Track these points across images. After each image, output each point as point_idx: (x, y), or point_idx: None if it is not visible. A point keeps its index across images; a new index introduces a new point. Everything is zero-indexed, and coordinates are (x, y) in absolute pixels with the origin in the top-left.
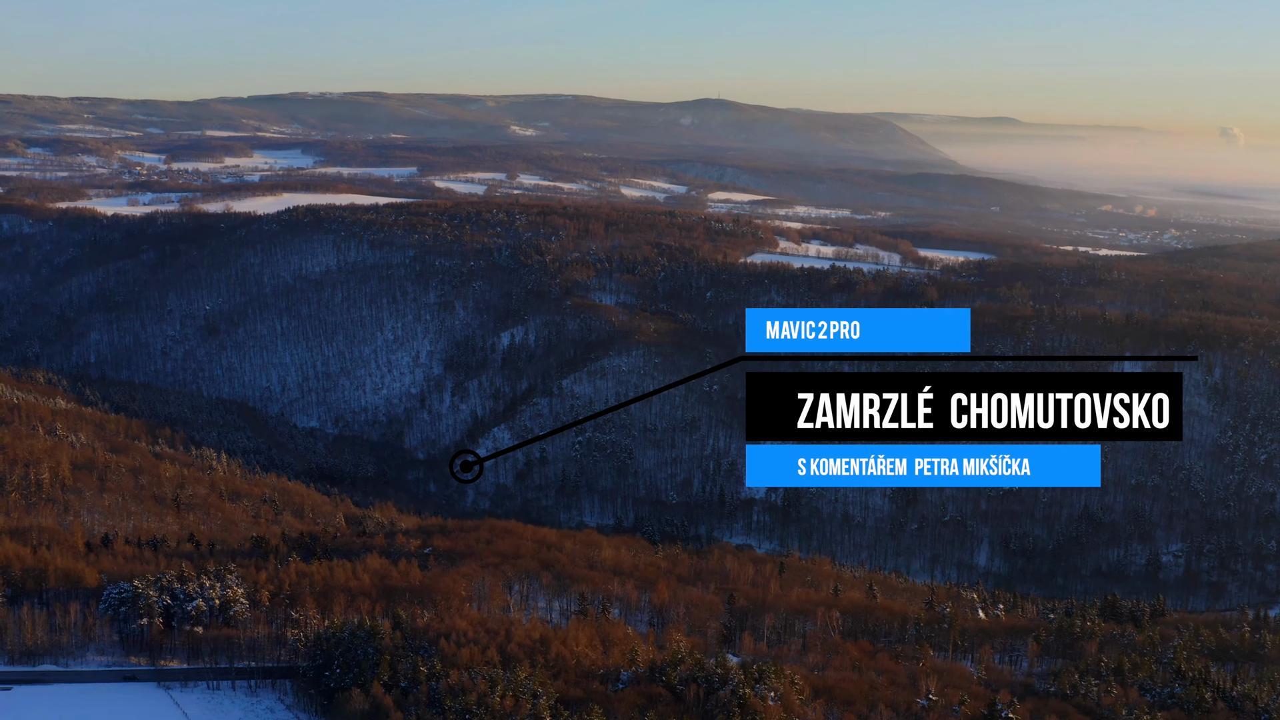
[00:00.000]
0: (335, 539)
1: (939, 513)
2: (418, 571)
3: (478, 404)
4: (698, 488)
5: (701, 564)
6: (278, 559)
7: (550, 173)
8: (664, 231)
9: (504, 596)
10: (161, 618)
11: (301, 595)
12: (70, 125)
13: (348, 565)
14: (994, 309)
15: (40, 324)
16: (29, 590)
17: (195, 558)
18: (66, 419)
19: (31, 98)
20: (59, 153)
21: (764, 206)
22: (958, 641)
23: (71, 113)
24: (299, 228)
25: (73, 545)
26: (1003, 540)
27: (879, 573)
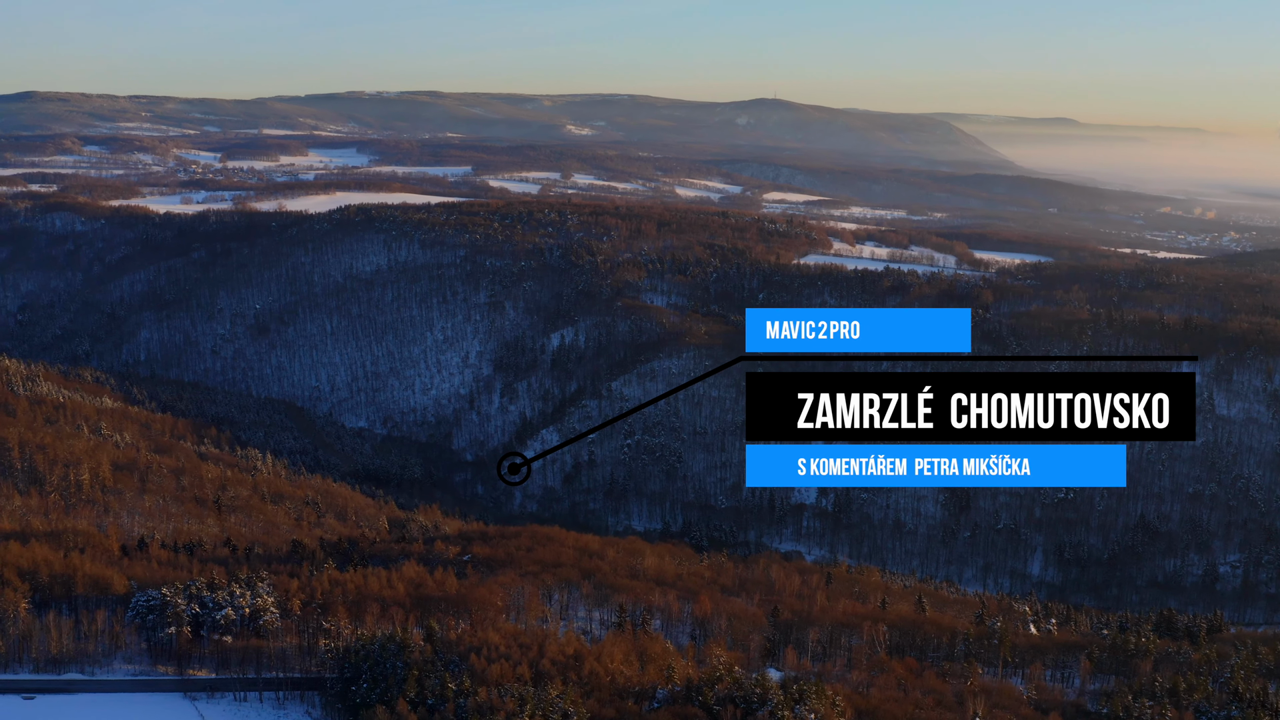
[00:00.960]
0: (373, 545)
1: (992, 520)
2: (454, 580)
3: (526, 405)
4: (747, 493)
5: (746, 574)
6: (313, 565)
7: (605, 172)
8: (716, 232)
9: (542, 607)
10: (190, 626)
11: (334, 604)
12: (128, 123)
13: (383, 573)
14: (1050, 313)
15: (91, 322)
16: (56, 596)
17: (230, 563)
18: (112, 418)
19: (90, 96)
20: (115, 150)
21: (819, 207)
22: (1008, 658)
23: (129, 111)
24: (350, 227)
25: (107, 549)
26: (1057, 549)
27: (929, 582)
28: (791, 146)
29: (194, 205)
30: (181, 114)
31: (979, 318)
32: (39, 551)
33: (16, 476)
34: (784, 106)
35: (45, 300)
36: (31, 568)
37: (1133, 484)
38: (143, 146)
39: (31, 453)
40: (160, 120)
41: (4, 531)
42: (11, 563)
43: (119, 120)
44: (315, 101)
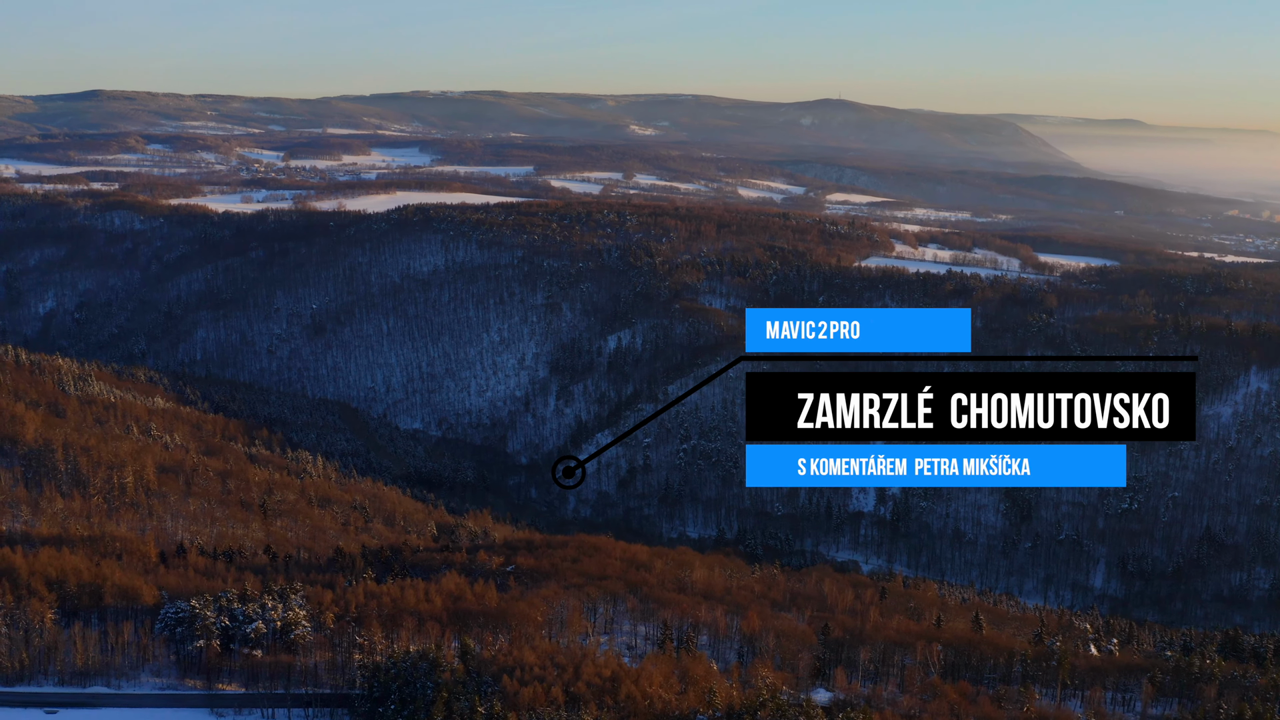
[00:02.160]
0: (416, 553)
1: (1054, 531)
2: (494, 594)
3: (582, 408)
4: (804, 499)
5: (798, 587)
6: (352, 575)
7: (667, 173)
8: (777, 233)
9: (584, 623)
10: (219, 640)
11: (368, 618)
12: (193, 122)
13: (421, 585)
14: (1115, 318)
15: (147, 321)
16: (84, 606)
17: (268, 571)
18: (163, 419)
19: (156, 95)
20: (178, 149)
21: (882, 208)
22: (1067, 681)
23: (195, 110)
24: (408, 227)
25: (144, 555)
26: (1120, 561)
27: (988, 595)
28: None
29: (254, 204)
30: (246, 113)
31: (1043, 323)
32: (69, 560)
33: (60, 479)
34: (848, 107)
35: (103, 299)
36: (60, 577)
37: (1198, 495)
38: (206, 145)
39: (76, 455)
40: (225, 119)
41: (42, 536)
42: (40, 572)
43: (184, 119)
44: (380, 101)
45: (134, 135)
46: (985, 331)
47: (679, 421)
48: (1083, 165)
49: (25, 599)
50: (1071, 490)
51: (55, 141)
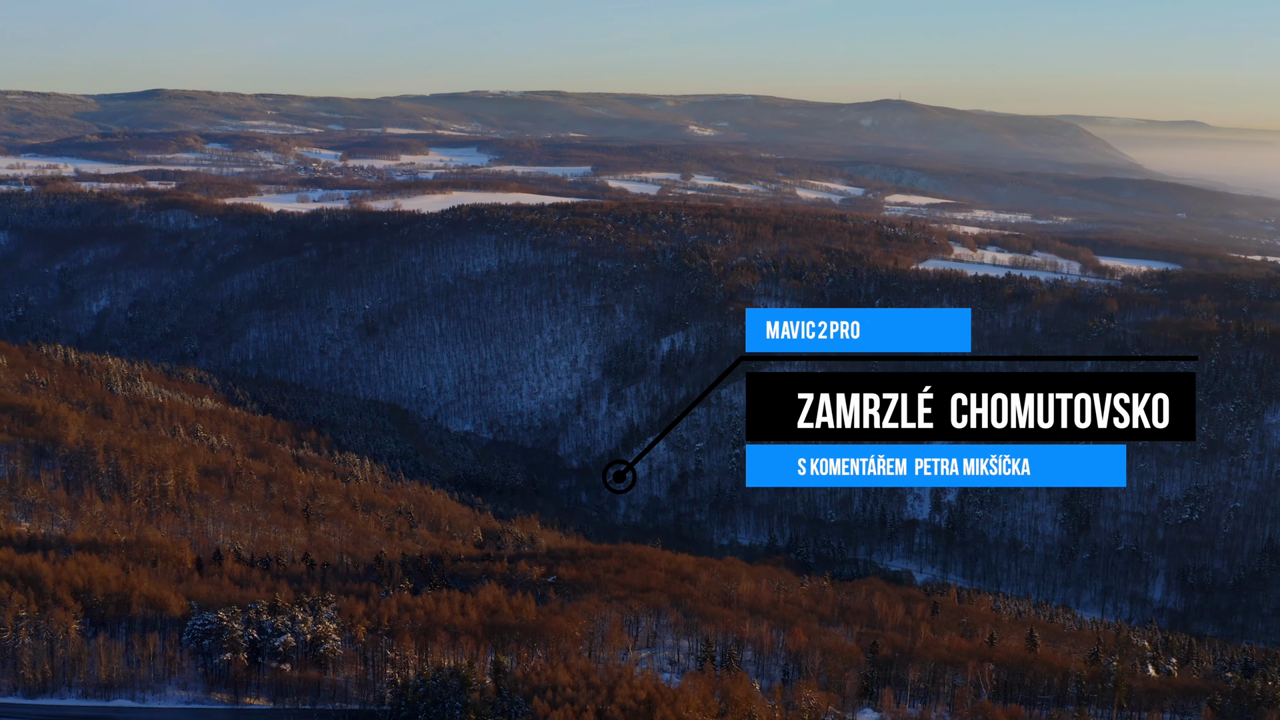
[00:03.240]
0: (457, 561)
1: (1112, 541)
2: (533, 607)
3: (634, 412)
4: (857, 506)
5: (847, 600)
6: (389, 584)
7: (725, 173)
8: (834, 235)
9: (624, 638)
10: (246, 653)
11: (401, 631)
12: (253, 121)
13: (457, 597)
14: (1177, 323)
15: (200, 320)
16: (111, 617)
17: (304, 580)
18: (210, 420)
19: (216, 94)
20: (237, 148)
21: (942, 210)
22: (1123, 704)
23: (255, 109)
24: (462, 227)
25: (179, 562)
26: (1179, 573)
27: (1044, 607)
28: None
29: (310, 204)
30: (306, 112)
31: (1103, 328)
32: (97, 568)
33: (101, 481)
34: (908, 108)
35: (156, 298)
36: (87, 586)
37: (1260, 505)
38: (264, 144)
39: (117, 457)
40: (285, 119)
41: (77, 541)
42: (66, 580)
43: (244, 118)
44: (439, 101)
45: (193, 134)
46: (1044, 336)
47: (731, 426)
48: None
49: (50, 608)
50: (1131, 500)
51: (114, 140)
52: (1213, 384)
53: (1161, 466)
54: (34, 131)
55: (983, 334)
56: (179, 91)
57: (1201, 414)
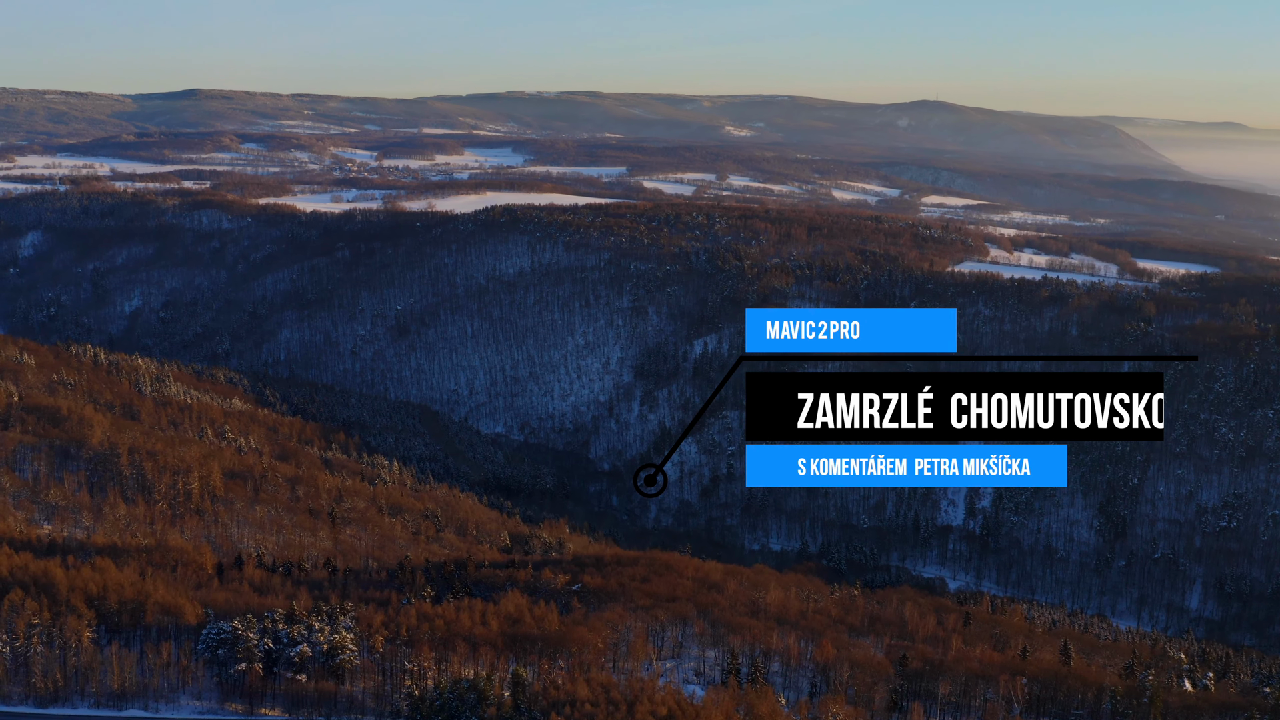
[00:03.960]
0: (481, 568)
1: (1149, 549)
2: (555, 616)
3: (666, 414)
4: (890, 512)
5: (878, 610)
6: (411, 592)
7: (761, 174)
8: (869, 237)
9: (648, 649)
10: (261, 663)
11: (419, 642)
12: (290, 121)
13: (478, 607)
14: (1216, 327)
15: (232, 320)
16: (125, 625)
17: (325, 586)
18: (238, 421)
19: (253, 94)
20: (272, 148)
21: (978, 211)
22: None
23: (292, 109)
24: (495, 227)
25: (199, 567)
26: (1217, 582)
27: (1079, 616)
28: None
29: (343, 204)
30: (343, 113)
31: (1140, 331)
32: (112, 575)
33: (125, 484)
34: (945, 108)
35: (188, 298)
36: (101, 593)
37: None
38: (300, 144)
39: (141, 459)
40: (322, 119)
41: (97, 545)
42: (80, 588)
43: (281, 118)
44: (476, 101)
45: (229, 134)
46: (1081, 340)
47: None
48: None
49: (63, 616)
50: (1168, 507)
51: (150, 140)
52: (1251, 389)
53: (1199, 473)
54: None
55: (1019, 337)
56: (216, 91)
57: (1240, 420)
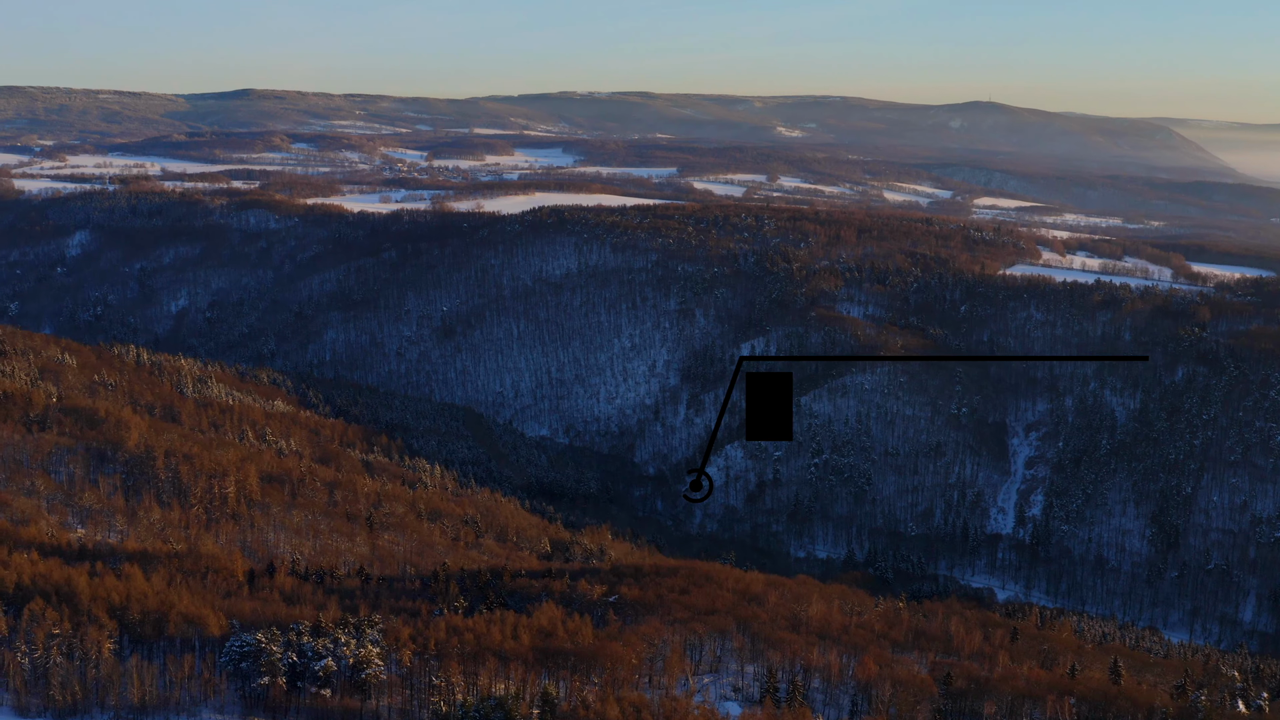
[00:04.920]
0: (517, 577)
1: (1202, 560)
2: (589, 630)
3: (712, 418)
4: (939, 519)
5: (923, 625)
6: (445, 602)
7: (811, 175)
8: (919, 239)
9: (684, 664)
10: (285, 677)
11: (448, 656)
12: (341, 121)
13: (510, 619)
14: (1272, 333)
15: (278, 321)
16: (147, 636)
17: (357, 595)
18: (279, 423)
19: (306, 94)
20: (323, 148)
21: (1031, 213)
22: None
23: (344, 109)
24: (542, 228)
25: (230, 574)
26: (1271, 594)
27: (1130, 629)
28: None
29: (391, 204)
30: (395, 113)
31: (1194, 337)
32: (136, 584)
33: (161, 487)
34: (998, 109)
35: (235, 298)
36: (123, 603)
37: None
38: (350, 144)
39: (177, 463)
40: (374, 119)
41: (128, 551)
42: (103, 597)
43: (333, 118)
44: (527, 101)
45: (279, 134)
46: (1134, 345)
47: (810, 434)
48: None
49: (84, 626)
50: (1222, 516)
51: (201, 140)
52: None
53: (1254, 482)
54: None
55: (1071, 341)
56: (269, 91)
57: None
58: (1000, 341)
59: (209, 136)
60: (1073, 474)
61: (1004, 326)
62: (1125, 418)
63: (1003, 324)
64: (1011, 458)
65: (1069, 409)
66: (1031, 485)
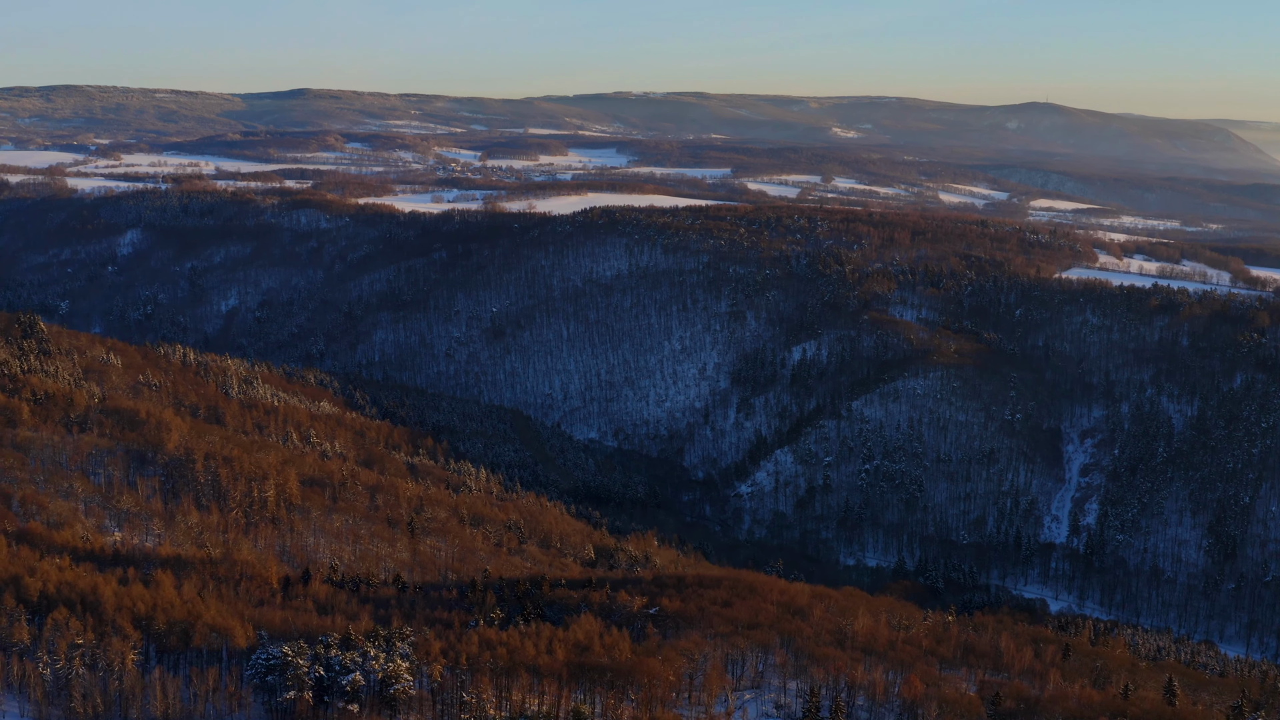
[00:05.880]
0: (557, 587)
1: (1259, 571)
2: (627, 644)
3: (762, 423)
4: (991, 527)
5: (973, 640)
6: (481, 612)
7: (866, 176)
8: (974, 242)
9: (724, 680)
10: (312, 691)
11: (480, 671)
12: (397, 121)
13: (546, 632)
14: None
15: (327, 321)
16: (172, 647)
17: (391, 604)
18: (324, 425)
19: (361, 94)
20: (377, 148)
21: (1088, 216)
22: None
23: (399, 109)
24: (593, 229)
25: (264, 581)
26: None
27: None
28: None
29: (443, 204)
30: (450, 112)
31: (1253, 342)
32: (163, 593)
33: (200, 490)
34: (1055, 111)
35: (284, 297)
36: (149, 613)
37: None
38: (404, 144)
39: (217, 466)
40: (429, 118)
41: (162, 557)
42: (128, 607)
43: (388, 118)
44: (582, 102)
45: (334, 134)
46: (1192, 350)
47: (862, 440)
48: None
49: (108, 637)
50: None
51: (256, 139)
52: None
53: None
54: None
55: (1128, 347)
56: (325, 91)
57: None
58: (1055, 346)
59: (264, 136)
60: (1128, 482)
61: (1059, 331)
62: (1182, 425)
63: (1058, 328)
64: (1066, 465)
65: (1125, 415)
66: (1086, 493)
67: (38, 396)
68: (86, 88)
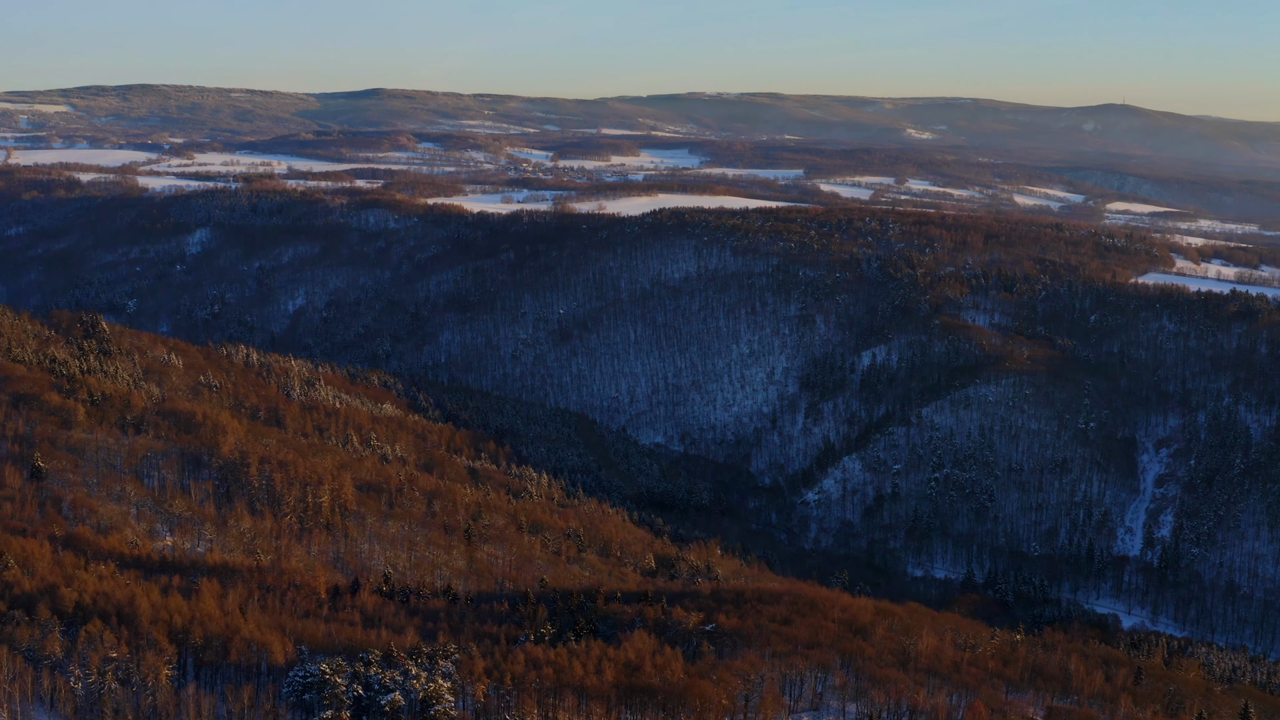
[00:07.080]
0: (611, 600)
1: None
2: (680, 664)
3: (831, 429)
4: (1063, 539)
5: (1041, 661)
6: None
7: (940, 178)
8: (1048, 245)
9: (779, 703)
10: (350, 710)
11: (524, 691)
12: (470, 121)
13: (595, 651)
14: None
15: (394, 321)
16: (210, 661)
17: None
18: (385, 427)
19: (435, 94)
20: (449, 148)
21: (1164, 219)
22: None
23: (473, 109)
24: (661, 231)
25: (312, 591)
26: None
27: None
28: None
29: (513, 204)
30: (523, 113)
31: None
32: (202, 605)
33: (254, 495)
34: (1132, 112)
35: (352, 298)
36: (185, 626)
37: None
38: (476, 144)
39: (271, 470)
40: (502, 119)
41: (209, 565)
42: (164, 620)
43: (461, 118)
44: (655, 102)
45: (406, 133)
46: (1270, 358)
47: (932, 448)
48: None
49: (142, 651)
50: None
51: (329, 139)
52: None
53: None
54: (254, 129)
55: (1205, 354)
56: (399, 91)
57: None
58: (1131, 353)
59: (336, 135)
60: (1204, 494)
61: (1135, 337)
62: (1260, 435)
63: (1134, 335)
64: (1140, 475)
65: (1201, 425)
66: (1161, 505)
67: (94, 398)
68: (162, 87)
